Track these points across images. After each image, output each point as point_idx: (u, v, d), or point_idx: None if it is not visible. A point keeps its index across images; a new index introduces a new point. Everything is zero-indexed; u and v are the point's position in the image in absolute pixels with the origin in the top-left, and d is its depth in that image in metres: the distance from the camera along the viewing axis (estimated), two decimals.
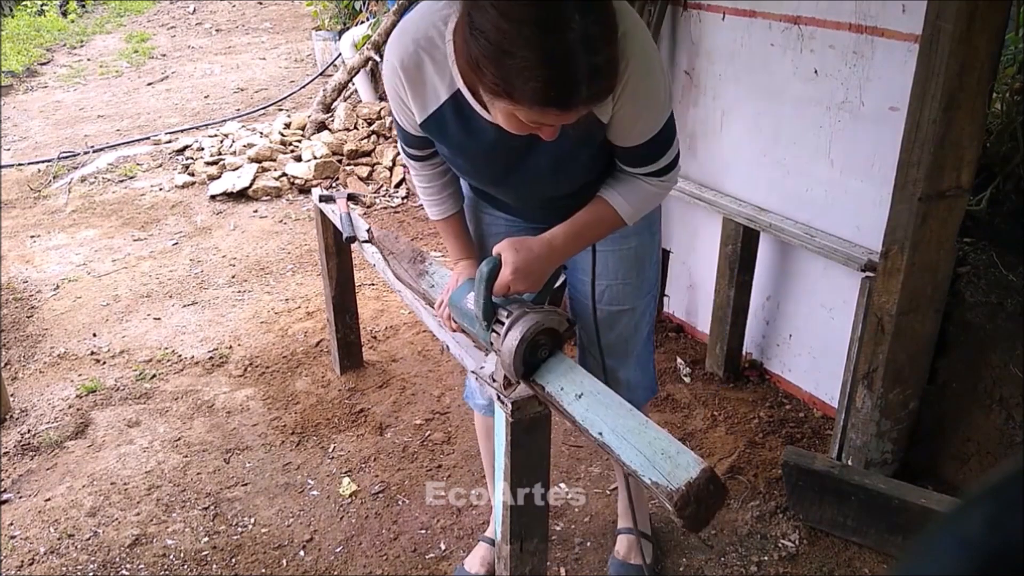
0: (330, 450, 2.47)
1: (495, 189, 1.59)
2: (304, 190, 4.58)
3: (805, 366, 2.59)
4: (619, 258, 1.68)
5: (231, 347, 3.06)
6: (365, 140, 4.89)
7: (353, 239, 2.40)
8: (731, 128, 2.60)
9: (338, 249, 2.64)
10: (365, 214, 4.27)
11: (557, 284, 1.47)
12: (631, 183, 1.44)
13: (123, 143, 5.49)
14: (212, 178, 4.67)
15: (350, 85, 5.38)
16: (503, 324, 1.35)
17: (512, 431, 1.52)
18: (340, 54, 5.80)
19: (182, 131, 5.66)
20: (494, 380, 1.43)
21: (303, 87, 6.38)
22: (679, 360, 2.84)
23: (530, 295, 1.42)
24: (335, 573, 2.04)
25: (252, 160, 4.77)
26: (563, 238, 1.44)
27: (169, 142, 5.39)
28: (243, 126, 5.43)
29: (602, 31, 1.09)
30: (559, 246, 1.43)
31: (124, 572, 2.04)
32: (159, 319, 3.29)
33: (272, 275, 3.67)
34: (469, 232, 1.70)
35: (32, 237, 4.14)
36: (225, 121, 5.71)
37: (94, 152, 5.31)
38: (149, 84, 7.19)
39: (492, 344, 1.39)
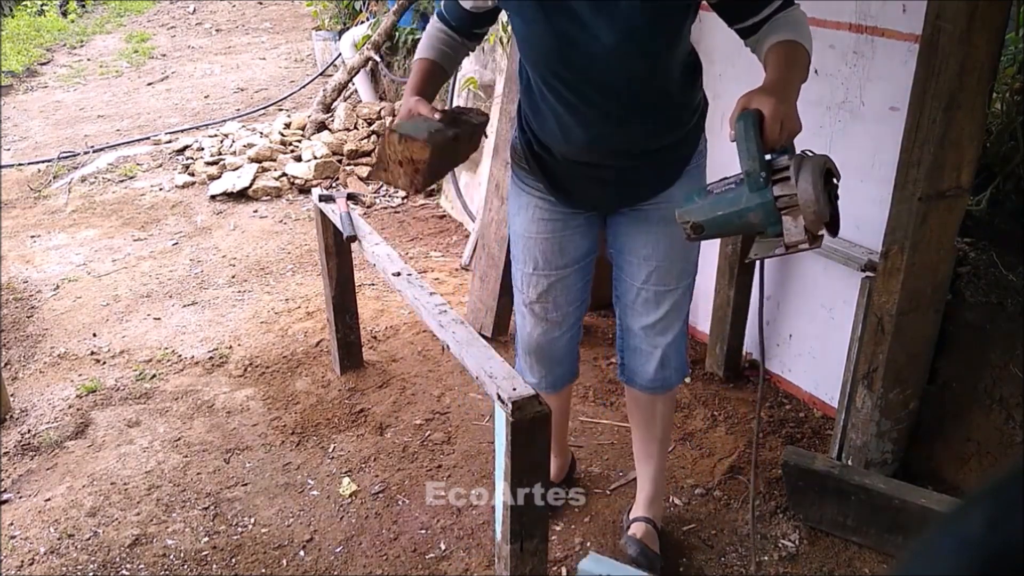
0: (330, 450, 2.47)
1: (556, 70, 1.57)
2: (304, 190, 4.58)
3: (805, 366, 2.59)
4: (669, 242, 1.75)
5: (231, 347, 3.06)
6: (365, 140, 4.89)
7: (354, 238, 2.39)
8: None
9: (338, 249, 2.64)
10: (365, 214, 4.27)
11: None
12: (777, 22, 1.47)
13: (123, 143, 5.49)
14: (212, 178, 4.67)
15: (350, 85, 5.38)
16: (785, 171, 1.26)
17: (512, 431, 1.52)
18: (340, 54, 5.80)
19: (182, 131, 5.66)
20: (788, 248, 1.30)
21: (303, 87, 6.38)
22: None
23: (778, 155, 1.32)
24: (335, 573, 2.04)
25: (252, 160, 4.77)
26: (782, 70, 1.42)
27: (169, 142, 5.39)
28: (243, 126, 5.43)
29: None
30: (785, 75, 1.41)
31: (124, 572, 2.04)
32: (159, 319, 3.29)
33: (272, 275, 3.67)
34: (434, 84, 1.78)
35: (32, 237, 4.14)
36: (225, 121, 5.71)
37: (94, 152, 5.31)
38: (149, 84, 7.18)
39: (776, 202, 1.27)
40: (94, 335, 3.18)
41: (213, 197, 4.51)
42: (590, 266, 1.91)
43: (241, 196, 4.51)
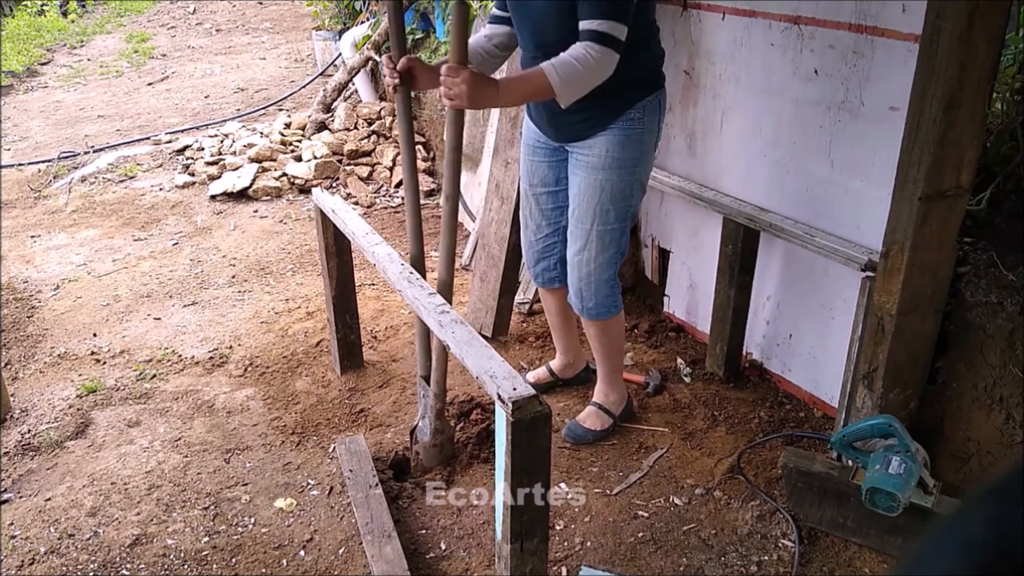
0: (330, 450, 2.47)
1: (522, 39, 2.15)
2: (304, 190, 4.58)
3: (805, 366, 2.58)
4: (587, 185, 2.15)
5: (231, 347, 3.06)
6: (365, 140, 4.89)
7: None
8: (731, 128, 2.60)
9: (338, 249, 2.64)
10: (365, 214, 4.27)
11: None
12: (565, 58, 1.84)
13: (123, 143, 5.49)
14: (212, 178, 4.67)
15: (350, 85, 5.38)
16: None
17: (512, 431, 1.52)
18: (340, 54, 5.80)
19: (182, 131, 5.66)
20: None
21: (303, 87, 6.38)
22: (679, 360, 2.84)
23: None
24: (335, 573, 2.04)
25: (252, 160, 4.77)
26: (505, 82, 1.91)
27: (169, 142, 5.39)
28: (243, 126, 5.43)
29: None
30: (502, 85, 1.88)
31: (124, 572, 2.04)
32: (159, 319, 3.29)
33: (272, 275, 3.67)
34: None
35: (32, 237, 4.14)
36: (225, 121, 5.71)
37: (94, 152, 5.31)
38: (149, 84, 7.19)
39: None
40: (94, 335, 3.18)
41: (213, 197, 4.51)
42: (559, 195, 2.33)
43: (241, 196, 4.52)
